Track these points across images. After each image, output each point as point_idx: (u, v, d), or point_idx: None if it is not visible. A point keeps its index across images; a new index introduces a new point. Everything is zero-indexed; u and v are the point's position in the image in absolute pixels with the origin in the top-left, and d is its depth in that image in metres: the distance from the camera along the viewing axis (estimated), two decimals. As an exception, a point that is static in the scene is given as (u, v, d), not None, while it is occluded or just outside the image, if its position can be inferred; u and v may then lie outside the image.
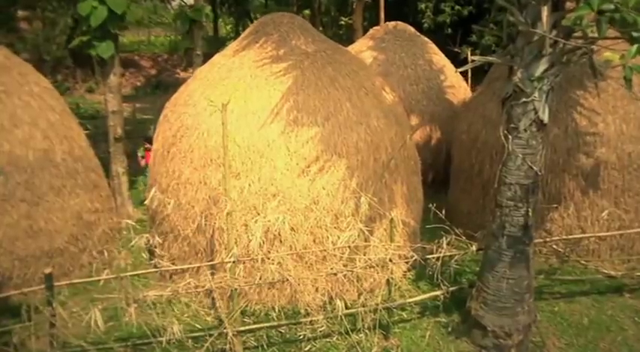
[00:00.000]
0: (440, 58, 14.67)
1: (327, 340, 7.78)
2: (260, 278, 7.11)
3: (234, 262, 6.94)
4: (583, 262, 8.87)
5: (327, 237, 8.02)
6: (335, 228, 8.23)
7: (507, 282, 7.46)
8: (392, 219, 7.42)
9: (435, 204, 8.07)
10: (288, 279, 7.09)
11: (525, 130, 6.98)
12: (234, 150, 8.27)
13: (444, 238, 7.79)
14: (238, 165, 8.25)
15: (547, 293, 9.01)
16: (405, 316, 8.41)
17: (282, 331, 7.99)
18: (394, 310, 7.90)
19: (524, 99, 6.88)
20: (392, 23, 15.08)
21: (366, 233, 7.51)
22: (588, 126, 9.74)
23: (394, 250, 7.40)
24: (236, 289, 7.02)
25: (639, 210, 9.71)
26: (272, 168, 8.21)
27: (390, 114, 9.14)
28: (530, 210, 7.25)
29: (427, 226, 8.30)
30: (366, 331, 7.52)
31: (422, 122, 13.35)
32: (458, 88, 14.33)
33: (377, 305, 7.47)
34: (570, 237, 9.05)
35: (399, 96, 11.91)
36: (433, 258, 7.70)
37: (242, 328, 7.23)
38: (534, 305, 7.88)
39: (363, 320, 7.42)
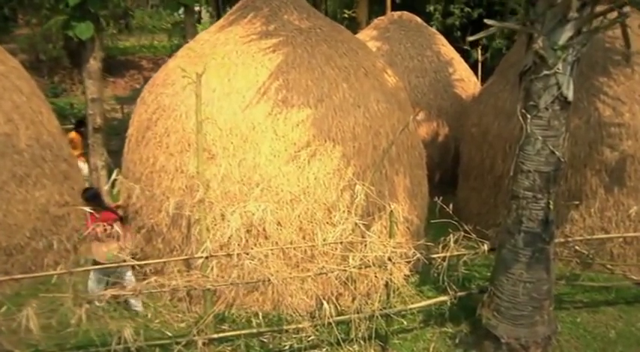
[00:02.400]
0: (448, 50, 13.69)
1: (316, 351, 6.78)
2: (238, 278, 6.11)
3: (206, 258, 5.95)
4: (609, 267, 7.80)
5: (318, 233, 6.99)
6: (327, 223, 7.25)
7: (524, 286, 6.44)
8: (392, 212, 6.41)
9: (441, 199, 7.09)
10: (270, 280, 6.05)
11: (547, 108, 6.00)
12: (214, 133, 7.33)
13: (451, 236, 6.81)
14: (219, 149, 7.30)
15: (568, 301, 7.97)
16: (406, 325, 7.38)
17: (265, 340, 6.98)
18: (393, 317, 6.85)
19: (545, 72, 5.91)
20: (397, 13, 14.11)
21: (362, 228, 6.48)
22: (613, 116, 8.73)
23: (394, 248, 6.37)
24: (208, 289, 6.03)
25: (670, 211, 8.65)
26: (257, 154, 7.25)
27: (391, 99, 8.17)
28: (551, 202, 6.25)
29: (432, 221, 7.26)
30: (361, 341, 6.49)
31: (428, 117, 12.34)
32: (467, 82, 13.34)
33: (373, 311, 6.45)
34: (595, 237, 8.01)
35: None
36: (439, 258, 6.71)
37: (215, 335, 6.21)
38: (554, 314, 6.85)
39: (357, 328, 6.40)
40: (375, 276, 6.56)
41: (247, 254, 6.03)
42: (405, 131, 7.99)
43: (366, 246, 6.39)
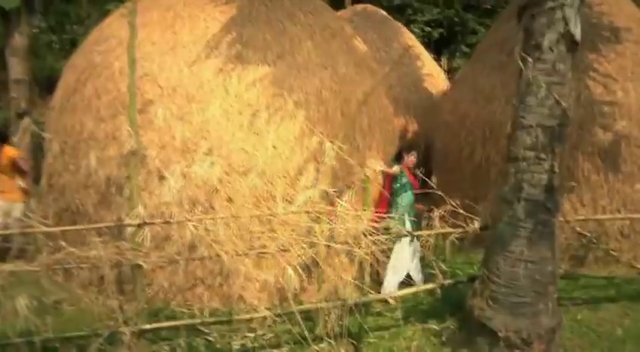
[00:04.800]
0: (416, 45, 12.83)
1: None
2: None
3: (138, 226, 4.67)
4: (614, 253, 6.78)
5: (279, 207, 5.82)
6: (288, 201, 6.06)
7: (525, 267, 5.35)
8: (367, 177, 5.28)
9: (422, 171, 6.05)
10: (218, 255, 4.79)
11: (551, 49, 5.06)
12: (154, 93, 6.14)
13: (434, 212, 5.74)
14: (159, 111, 6.08)
15: (565, 298, 6.89)
16: (382, 322, 6.19)
17: (211, 339, 5.67)
18: (369, 310, 5.67)
19: (550, 4, 4.98)
20: (360, 5, 13.25)
21: (332, 195, 5.29)
22: (604, 93, 7.89)
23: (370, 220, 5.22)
24: (139, 266, 4.72)
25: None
26: (204, 116, 6.07)
27: (362, 65, 7.16)
28: (555, 164, 5.24)
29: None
30: (329, 339, 5.23)
31: (396, 111, 11.32)
32: (437, 78, 12.45)
33: (345, 300, 5.25)
34: (599, 217, 7.03)
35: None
36: (424, 235, 5.61)
37: (147, 326, 4.87)
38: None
39: (326, 320, 5.18)
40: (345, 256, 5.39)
41: (191, 221, 4.78)
42: (378, 102, 6.96)
43: (336, 217, 5.22)
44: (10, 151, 7.22)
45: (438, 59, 19.31)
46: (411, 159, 6.76)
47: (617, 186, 7.76)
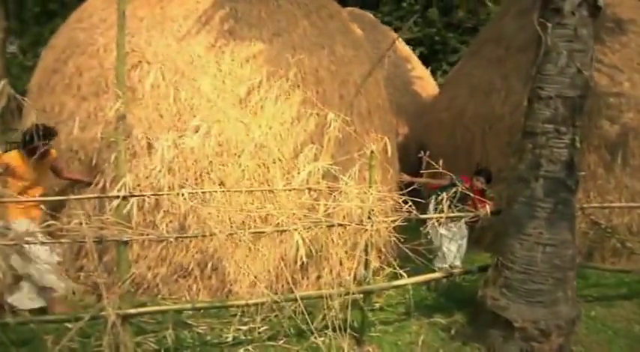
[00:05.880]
0: (404, 48, 12.56)
1: (271, 344, 5.01)
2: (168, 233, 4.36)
3: (124, 198, 4.19)
4: (629, 245, 6.40)
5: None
6: (285, 185, 5.60)
7: (544, 251, 4.94)
8: (372, 153, 4.86)
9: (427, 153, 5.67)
10: (213, 234, 4.29)
11: (573, 13, 4.74)
12: (142, 69, 5.69)
13: (444, 193, 5.34)
14: (147, 88, 5.63)
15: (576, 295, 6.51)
16: (384, 317, 5.72)
17: (201, 331, 5.15)
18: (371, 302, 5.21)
19: (571, -35, 4.66)
20: (347, 9, 12.96)
21: (335, 170, 4.84)
22: (610, 85, 7.61)
23: (377, 199, 4.79)
24: (125, 243, 4.22)
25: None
26: (195, 93, 5.64)
27: (360, 48, 6.80)
28: (577, 138, 4.88)
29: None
30: (329, 332, 4.75)
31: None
32: (427, 82, 12.14)
33: (348, 288, 4.78)
34: (615, 205, 6.67)
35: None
36: (432, 218, 5.19)
37: (132, 311, 4.35)
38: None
39: (328, 309, 4.71)
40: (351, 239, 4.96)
41: (180, 194, 4.30)
42: (376, 89, 6.60)
43: (340, 194, 4.78)
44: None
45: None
46: (477, 183, 6.32)
47: (625, 181, 7.42)
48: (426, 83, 11.99)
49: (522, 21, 8.23)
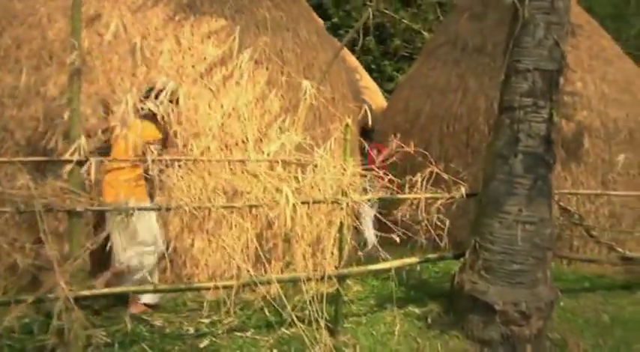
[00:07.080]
0: (352, 58, 12.47)
1: (240, 335, 4.55)
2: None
3: (78, 163, 3.69)
4: (594, 234, 6.33)
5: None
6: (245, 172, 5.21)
7: (524, 229, 4.77)
8: (347, 125, 4.58)
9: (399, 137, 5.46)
10: (181, 207, 3.85)
11: (549, -15, 4.66)
12: (91, 42, 5.22)
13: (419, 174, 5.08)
14: (97, 63, 5.16)
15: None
16: (356, 310, 5.37)
17: (159, 324, 4.63)
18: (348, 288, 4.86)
19: None
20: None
21: (307, 145, 4.51)
22: (565, 84, 7.65)
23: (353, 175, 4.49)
24: (77, 214, 3.71)
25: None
26: (151, 69, 5.21)
27: (323, 35, 6.57)
28: (554, 112, 4.79)
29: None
30: (298, 323, 4.32)
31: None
32: (375, 93, 12.06)
33: (323, 272, 4.42)
34: (587, 191, 6.65)
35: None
36: (407, 199, 4.92)
37: (86, 293, 3.80)
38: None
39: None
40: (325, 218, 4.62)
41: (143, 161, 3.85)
42: (339, 77, 6.39)
43: (315, 168, 4.45)
44: None
45: (355, 106, 19.06)
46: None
47: (582, 179, 7.47)
48: (374, 94, 11.89)
49: (478, 24, 8.28)
